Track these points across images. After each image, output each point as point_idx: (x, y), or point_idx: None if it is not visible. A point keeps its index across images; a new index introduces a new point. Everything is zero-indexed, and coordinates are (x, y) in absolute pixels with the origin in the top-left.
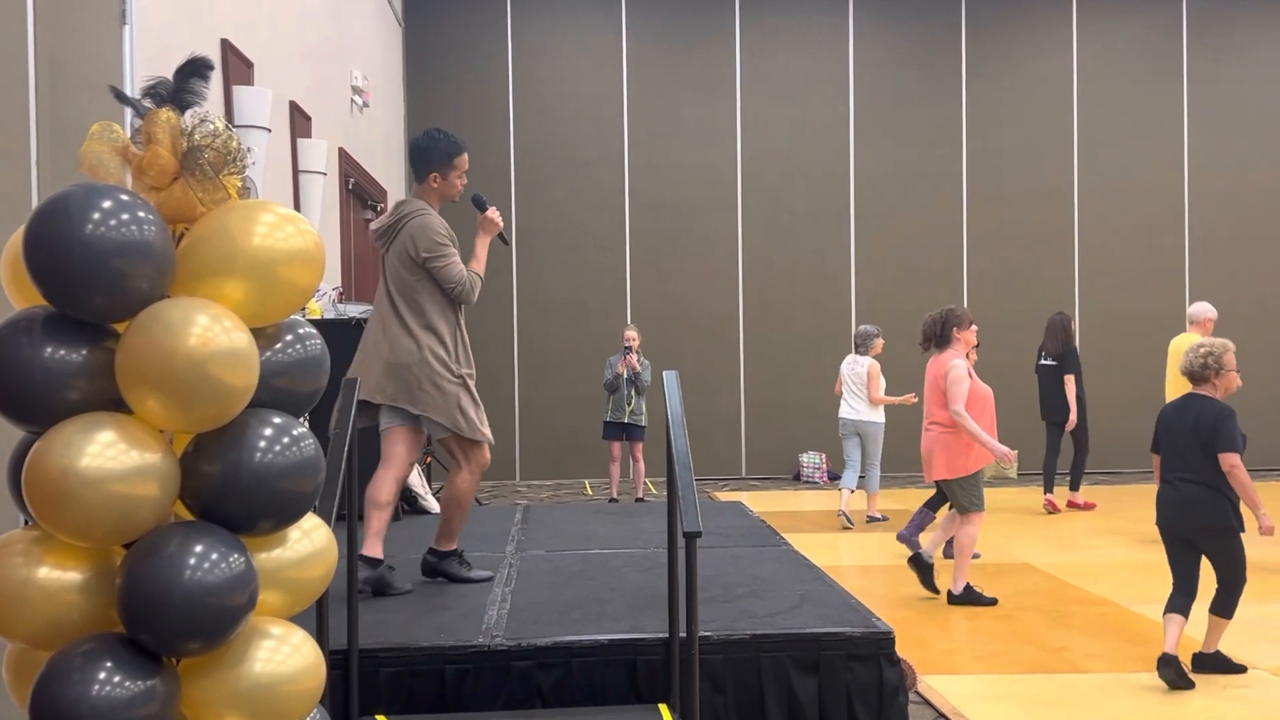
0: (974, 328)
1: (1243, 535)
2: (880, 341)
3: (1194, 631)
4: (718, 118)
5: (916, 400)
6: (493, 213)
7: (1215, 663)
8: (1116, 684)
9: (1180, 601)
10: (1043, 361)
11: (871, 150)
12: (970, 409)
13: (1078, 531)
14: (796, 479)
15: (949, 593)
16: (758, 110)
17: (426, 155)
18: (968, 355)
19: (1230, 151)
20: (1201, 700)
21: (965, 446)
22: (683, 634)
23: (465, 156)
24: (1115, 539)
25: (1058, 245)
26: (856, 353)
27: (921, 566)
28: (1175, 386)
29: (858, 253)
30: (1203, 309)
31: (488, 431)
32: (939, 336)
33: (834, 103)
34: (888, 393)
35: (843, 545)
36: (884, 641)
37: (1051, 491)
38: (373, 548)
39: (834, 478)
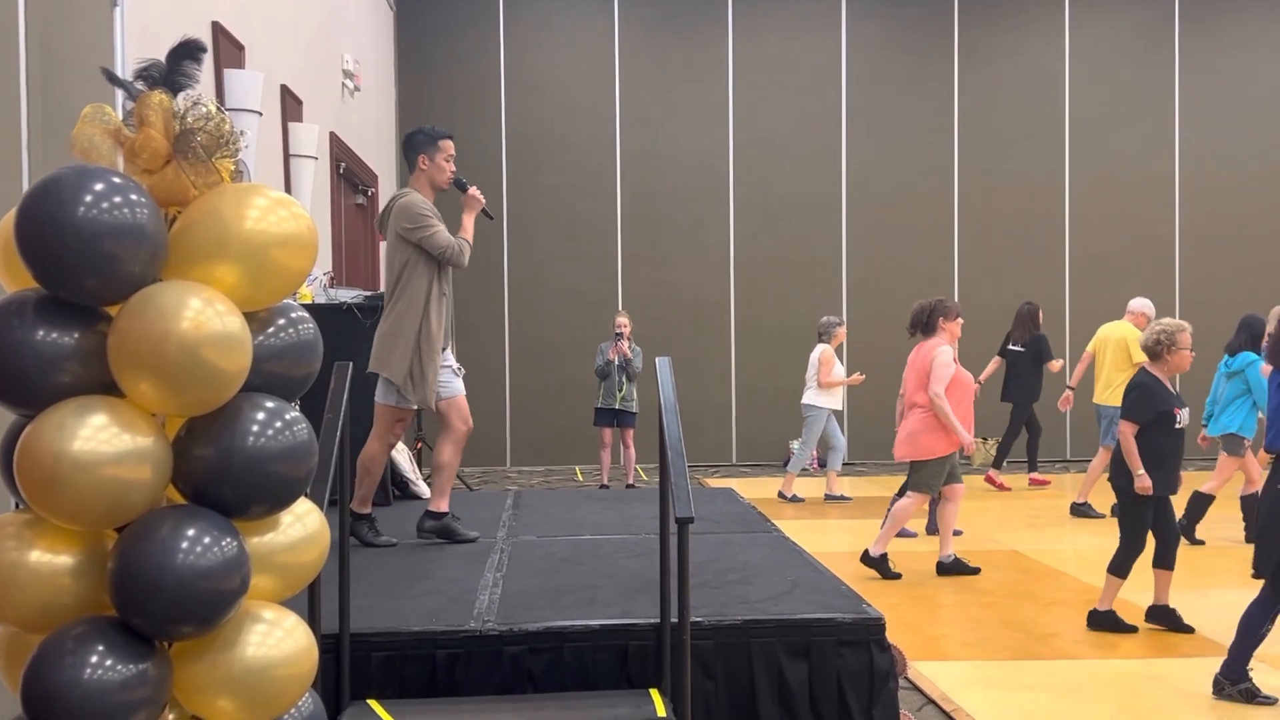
0: (960, 320)
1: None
2: (841, 330)
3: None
4: (710, 104)
5: (864, 379)
6: (474, 190)
7: (1161, 616)
8: (1104, 670)
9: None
10: (1010, 347)
11: (863, 137)
12: (951, 394)
13: (1064, 519)
14: (786, 466)
15: (940, 560)
16: (750, 97)
17: (414, 141)
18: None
19: (1221, 141)
20: (1189, 686)
21: (942, 430)
22: (674, 619)
23: (450, 142)
24: (1101, 526)
25: (1048, 233)
26: (819, 341)
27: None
28: (1103, 369)
29: (849, 240)
30: (1140, 303)
31: (430, 399)
32: (925, 324)
33: (826, 89)
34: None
35: (833, 531)
36: (874, 627)
37: (1001, 469)
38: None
39: (824, 464)
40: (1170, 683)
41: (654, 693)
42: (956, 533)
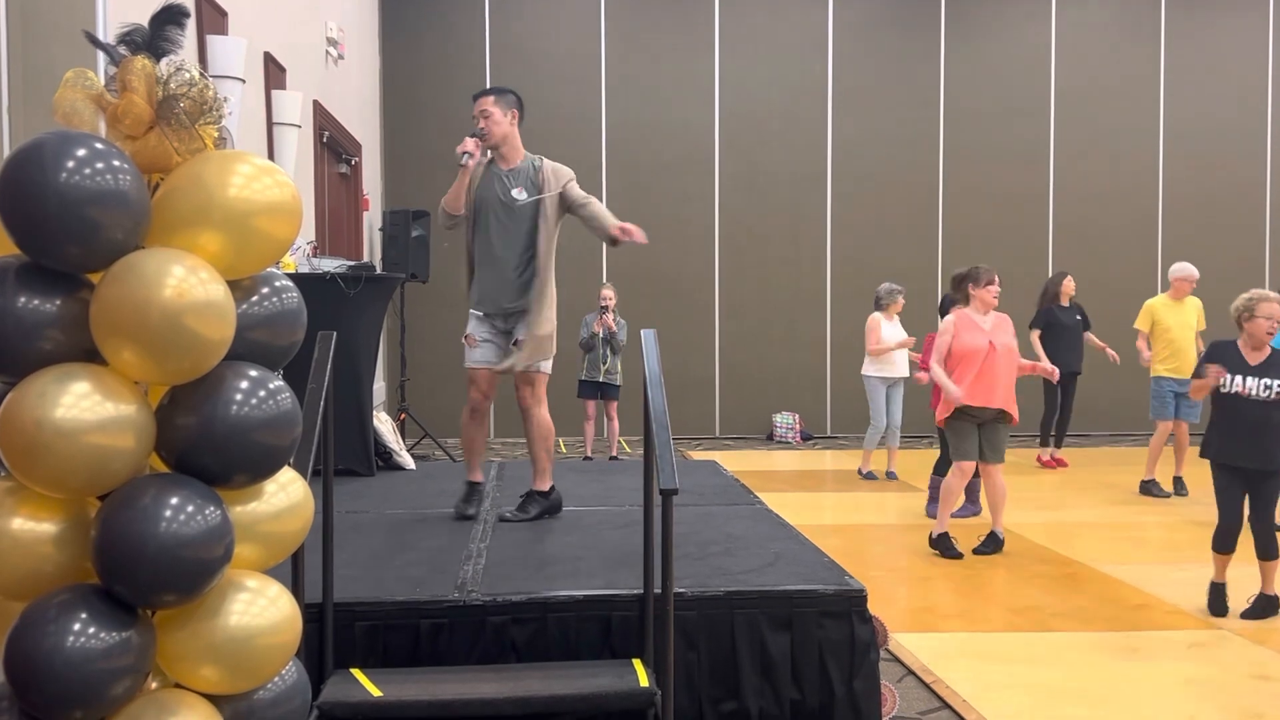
0: (990, 287)
1: None
2: (888, 301)
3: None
4: (696, 77)
5: (915, 341)
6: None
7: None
8: (1083, 643)
9: None
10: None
11: (849, 112)
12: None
13: (1048, 493)
14: (770, 439)
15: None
16: (736, 70)
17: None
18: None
19: (1205, 117)
20: (1167, 660)
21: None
22: (657, 590)
23: (475, 102)
24: (1085, 500)
25: (1032, 208)
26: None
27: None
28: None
29: (834, 214)
30: (1173, 268)
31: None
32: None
33: (812, 64)
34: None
35: (816, 505)
36: (856, 599)
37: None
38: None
39: (806, 438)
40: (1148, 654)
41: (637, 663)
42: (973, 512)
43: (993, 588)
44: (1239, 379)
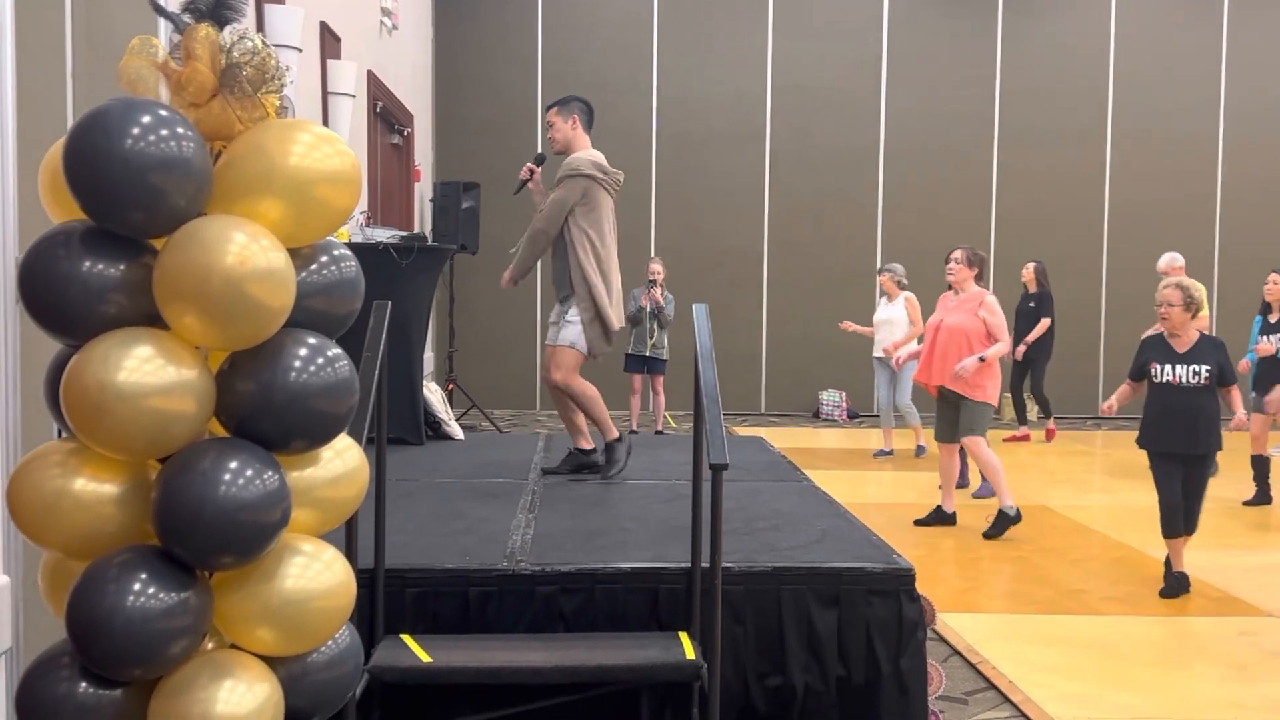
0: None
1: None
2: (881, 277)
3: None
4: (749, 50)
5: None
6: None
7: None
8: (1132, 626)
9: None
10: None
11: (903, 87)
12: None
13: (1096, 476)
14: (816, 416)
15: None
16: (789, 43)
17: None
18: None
19: (1266, 100)
20: (1215, 643)
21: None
22: (705, 564)
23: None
24: (1134, 484)
25: (1088, 189)
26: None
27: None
28: None
29: (885, 191)
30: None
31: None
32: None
33: (867, 37)
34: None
35: (862, 483)
36: (905, 578)
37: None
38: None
39: (853, 416)
40: (1197, 640)
41: (683, 636)
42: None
43: (1041, 570)
44: (1168, 368)
